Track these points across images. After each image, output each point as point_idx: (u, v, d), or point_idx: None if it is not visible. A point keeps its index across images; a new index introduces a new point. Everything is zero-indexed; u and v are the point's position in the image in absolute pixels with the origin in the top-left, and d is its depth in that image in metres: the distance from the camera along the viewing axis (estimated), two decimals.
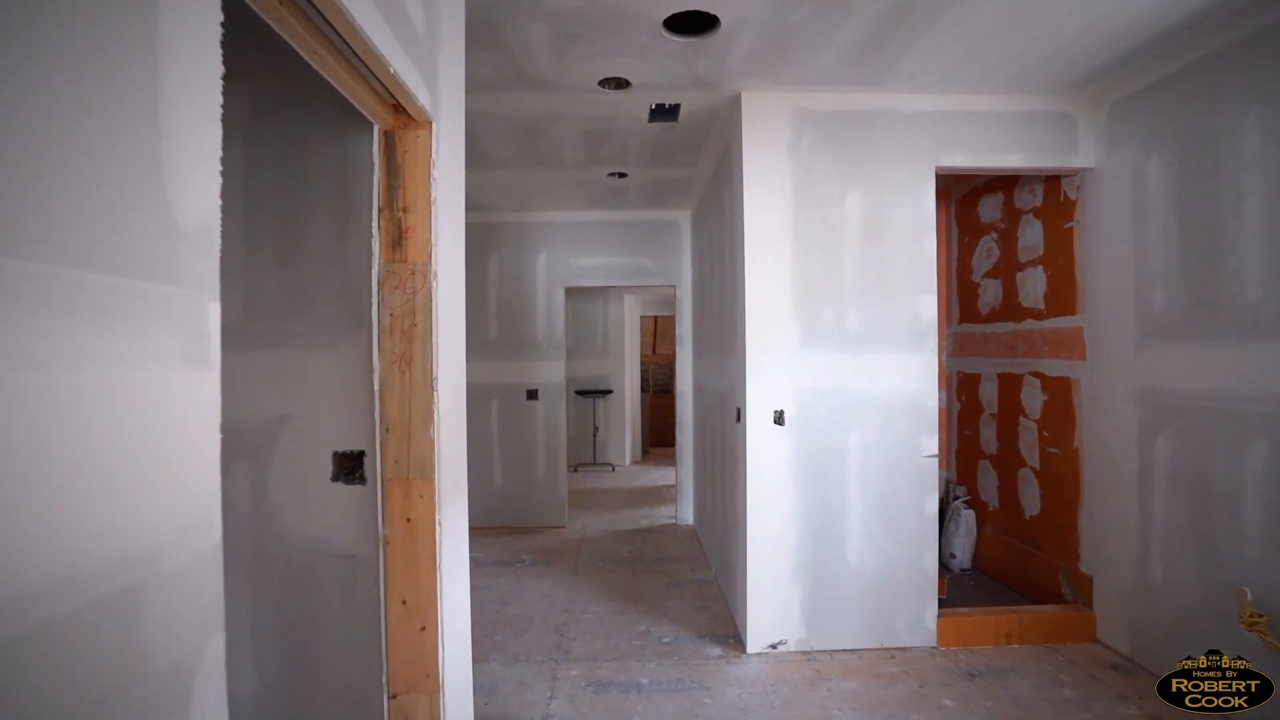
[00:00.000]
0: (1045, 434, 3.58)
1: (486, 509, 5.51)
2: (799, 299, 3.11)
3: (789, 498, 3.11)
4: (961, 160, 3.14)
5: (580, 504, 6.34)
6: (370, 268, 1.65)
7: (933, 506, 3.14)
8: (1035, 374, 3.66)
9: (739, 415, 3.28)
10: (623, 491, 7.02)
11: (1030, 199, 3.68)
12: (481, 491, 5.51)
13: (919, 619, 3.13)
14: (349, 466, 1.77)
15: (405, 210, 1.63)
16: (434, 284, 1.65)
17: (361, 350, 1.72)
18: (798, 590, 3.12)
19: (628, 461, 8.71)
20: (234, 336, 1.87)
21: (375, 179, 1.64)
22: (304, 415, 1.81)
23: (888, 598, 3.13)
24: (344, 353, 1.77)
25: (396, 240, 1.63)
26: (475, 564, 4.51)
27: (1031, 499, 3.71)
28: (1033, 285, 3.67)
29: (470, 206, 5.24)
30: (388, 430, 1.64)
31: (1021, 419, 3.79)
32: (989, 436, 4.13)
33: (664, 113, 3.36)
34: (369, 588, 1.75)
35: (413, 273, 1.63)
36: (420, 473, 1.63)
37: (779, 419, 3.09)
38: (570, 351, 8.14)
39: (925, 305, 3.13)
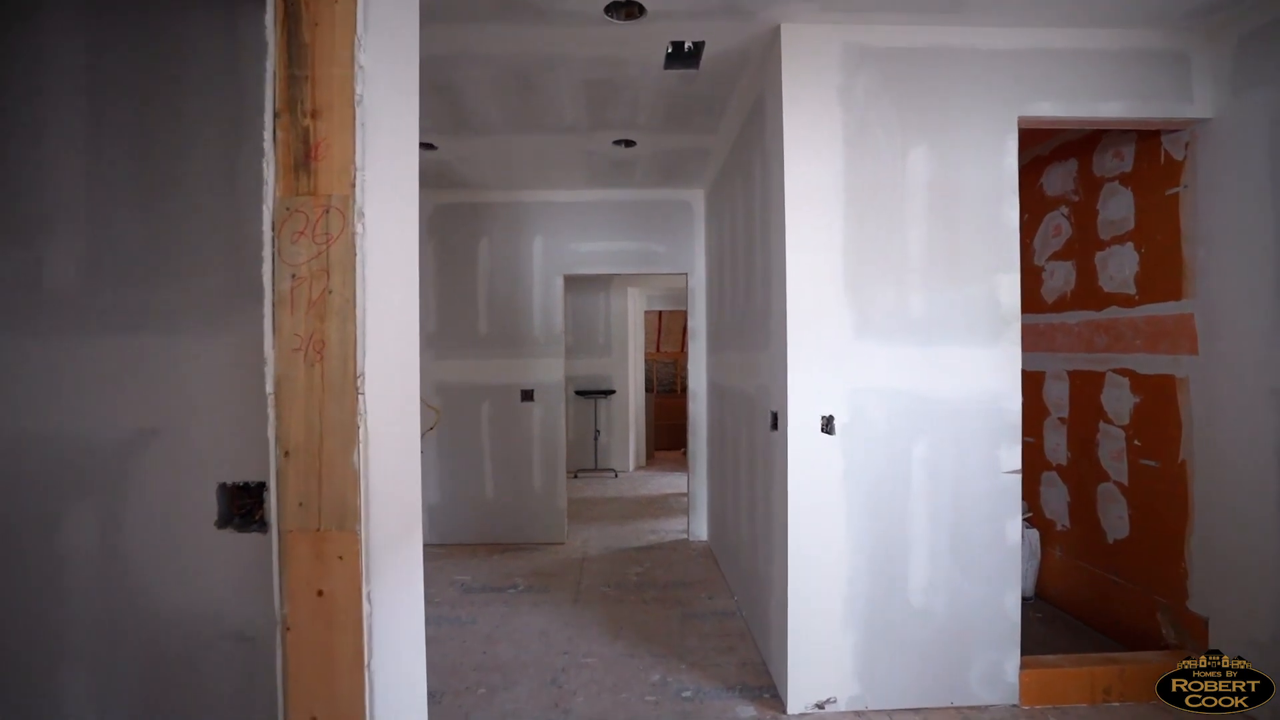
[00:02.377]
0: (1136, 443, 3.00)
1: (476, 524, 4.93)
2: (852, 280, 2.53)
3: (839, 523, 2.53)
4: (1050, 109, 2.56)
5: (581, 515, 5.76)
6: (262, 204, 1.07)
7: (1015, 534, 2.56)
8: (1121, 371, 3.08)
9: (775, 422, 2.70)
10: (627, 501, 6.44)
11: (1115, 164, 3.10)
12: (470, 505, 4.93)
13: (998, 671, 2.55)
14: (244, 505, 1.19)
15: (315, 115, 1.05)
16: (359, 228, 1.07)
17: (261, 333, 1.14)
18: (850, 636, 2.54)
19: (631, 467, 8.12)
20: (69, 313, 1.29)
21: (269, 68, 1.06)
22: (177, 430, 1.23)
23: (960, 645, 2.55)
24: (237, 337, 1.19)
25: (301, 161, 1.05)
26: (461, 591, 3.94)
27: (1116, 520, 3.13)
28: (1118, 266, 3.09)
29: (455, 184, 4.66)
30: (287, 455, 1.06)
31: (1102, 425, 3.21)
32: (1056, 444, 3.54)
33: (683, 57, 2.78)
34: (275, 686, 1.17)
35: (325, 211, 1.05)
36: (338, 521, 1.06)
37: (827, 427, 2.51)
38: (570, 349, 7.57)
39: (1005, 287, 2.55)
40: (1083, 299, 3.33)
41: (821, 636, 2.53)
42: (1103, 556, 3.22)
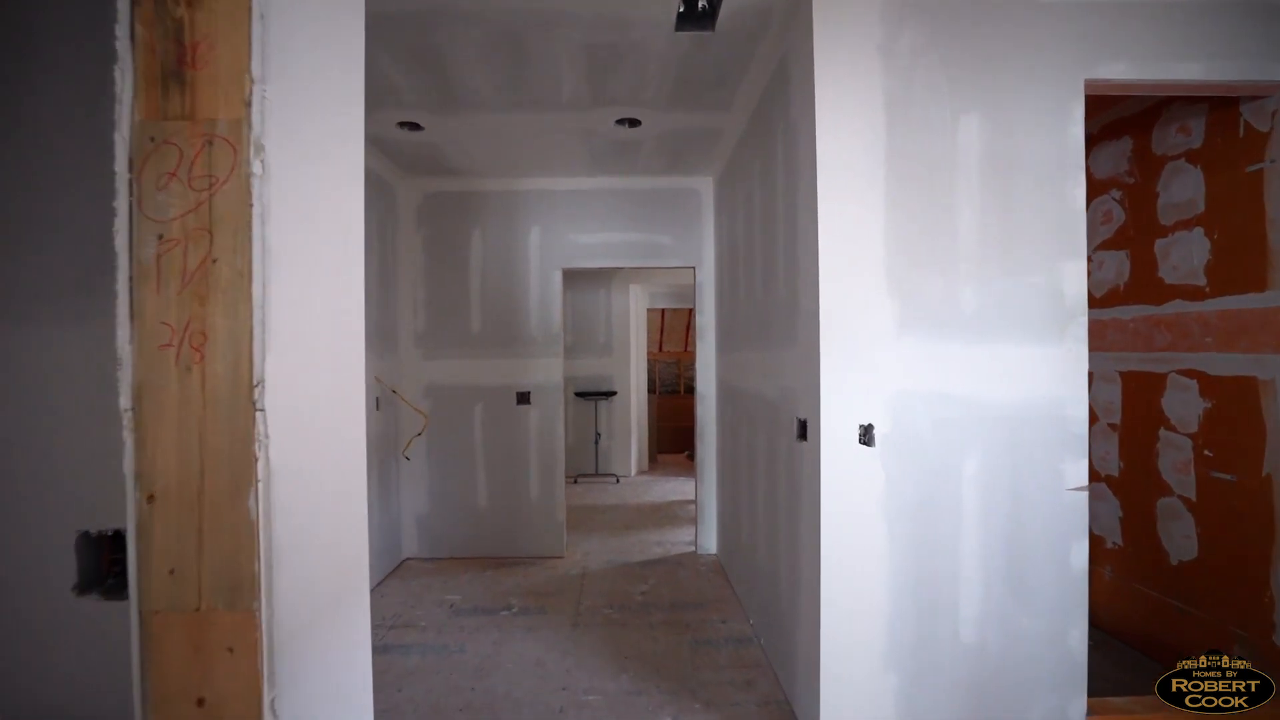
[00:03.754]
0: (1207, 454, 2.66)
1: (468, 537, 4.59)
2: (894, 269, 2.19)
3: (880, 548, 2.19)
4: (1123, 71, 2.22)
5: (581, 524, 5.42)
6: (113, 132, 0.73)
7: (1080, 559, 2.23)
8: (1187, 372, 2.74)
9: (803, 430, 2.37)
10: (629, 509, 6.09)
11: (1180, 140, 2.76)
12: (462, 516, 4.59)
13: (1060, 717, 2.21)
14: (117, 562, 0.85)
15: (190, 1, 0.71)
16: (255, 168, 0.74)
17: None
18: (891, 677, 2.20)
19: (633, 472, 7.78)
20: None
21: None
22: (22, 454, 0.89)
23: (1017, 688, 2.21)
24: (92, 329, 0.85)
25: (172, 69, 0.71)
26: (450, 613, 3.60)
27: (1182, 539, 2.79)
28: (1183, 255, 2.76)
29: (446, 170, 4.32)
30: (152, 501, 0.72)
31: (1162, 432, 2.87)
32: (1106, 453, 3.21)
33: (697, 17, 2.44)
34: None
35: (207, 143, 0.72)
36: (226, 596, 0.73)
37: (866, 437, 2.17)
38: (569, 348, 7.24)
39: (1070, 276, 2.22)
40: (1139, 292, 2.99)
41: (859, 677, 2.19)
42: (1164, 579, 2.88)
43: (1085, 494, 2.23)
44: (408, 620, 3.50)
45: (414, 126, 3.54)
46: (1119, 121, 3.07)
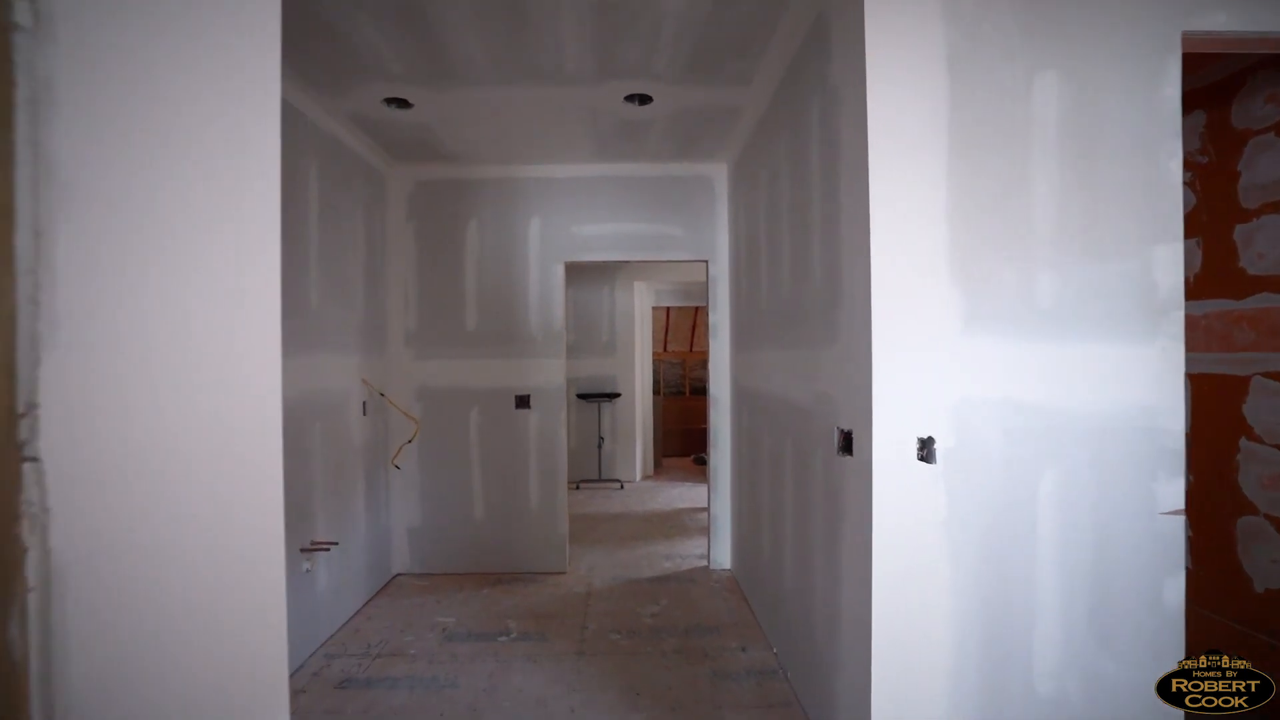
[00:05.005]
0: None
1: (464, 551, 4.26)
2: (959, 253, 1.86)
3: (941, 584, 1.87)
4: (1224, 21, 1.89)
5: (584, 535, 5.09)
6: None
7: (1177, 597, 1.90)
8: (1276, 375, 2.41)
9: (848, 443, 2.04)
10: (635, 518, 5.77)
11: (1269, 111, 2.43)
12: (457, 529, 4.27)
13: None
14: None
15: None
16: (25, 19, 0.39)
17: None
18: None
19: (638, 476, 7.46)
20: None
21: None
22: None
23: None
24: None
25: None
26: (442, 638, 3.27)
27: (1268, 565, 2.47)
28: (1270, 242, 2.43)
29: (439, 156, 3.99)
30: None
31: (1244, 443, 2.54)
32: None
33: None
34: None
35: None
36: None
37: (926, 452, 1.85)
38: (571, 349, 6.91)
39: (1164, 263, 1.89)
40: (1214, 285, 2.66)
41: None
42: (1247, 608, 2.55)
43: (1181, 520, 1.90)
44: (396, 647, 3.17)
45: (402, 104, 3.21)
46: (1190, 94, 2.74)
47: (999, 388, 1.86)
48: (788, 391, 2.81)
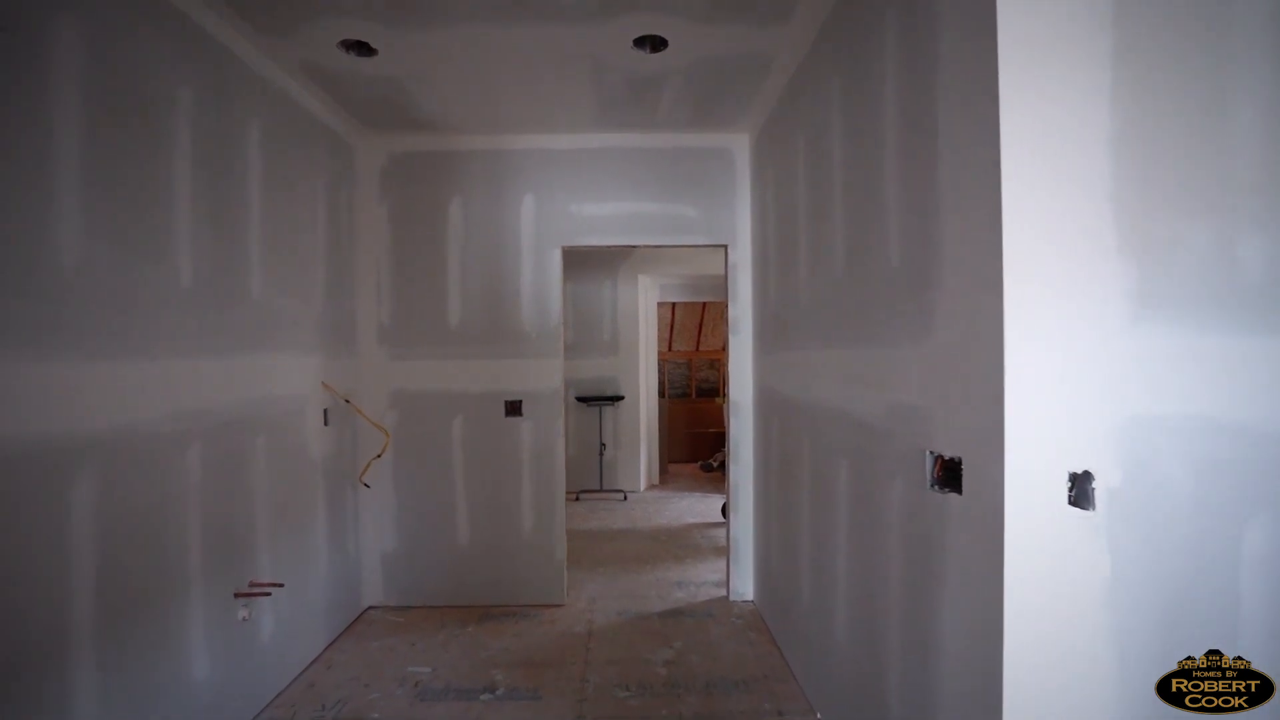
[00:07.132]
0: None
1: (446, 581, 3.69)
2: (1128, 205, 1.30)
3: (1105, 674, 1.30)
4: None
5: (584, 557, 4.52)
6: None
7: None
8: None
9: (951, 475, 1.47)
10: (641, 535, 5.20)
11: None
12: (438, 555, 3.70)
13: None
14: None
15: None
16: None
17: None
18: None
19: (643, 486, 6.89)
20: None
21: None
22: None
23: None
24: None
25: None
26: (413, 696, 2.71)
27: None
28: None
29: (417, 124, 3.42)
30: None
31: None
32: None
33: None
34: None
35: None
36: None
37: (1080, 492, 1.28)
38: (569, 347, 6.34)
39: None
40: None
41: None
42: None
43: None
44: (356, 709, 2.60)
45: (364, 49, 2.64)
46: None
47: (1187, 401, 1.29)
48: (843, 402, 2.24)
